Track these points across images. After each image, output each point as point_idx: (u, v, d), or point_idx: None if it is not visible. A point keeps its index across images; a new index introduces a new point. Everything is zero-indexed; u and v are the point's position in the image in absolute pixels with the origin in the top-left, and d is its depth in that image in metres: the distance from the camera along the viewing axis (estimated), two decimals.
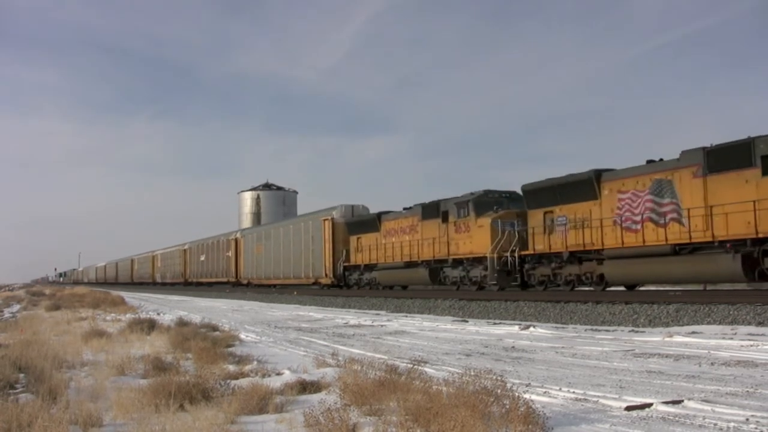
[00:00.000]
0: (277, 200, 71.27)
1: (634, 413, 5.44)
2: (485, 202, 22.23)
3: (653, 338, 10.78)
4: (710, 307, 12.78)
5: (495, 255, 20.50)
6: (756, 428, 4.79)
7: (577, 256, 18.31)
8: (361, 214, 31.01)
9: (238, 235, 46.37)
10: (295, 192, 74.02)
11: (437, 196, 26.28)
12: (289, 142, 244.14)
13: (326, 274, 31.61)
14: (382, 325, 15.58)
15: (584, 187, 18.16)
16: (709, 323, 12.22)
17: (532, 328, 13.24)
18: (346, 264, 30.35)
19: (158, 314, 20.82)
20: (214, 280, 51.17)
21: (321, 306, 25.24)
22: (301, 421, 5.22)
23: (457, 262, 22.89)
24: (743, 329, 11.14)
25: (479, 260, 21.71)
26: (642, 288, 18.98)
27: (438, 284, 24.29)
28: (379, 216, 28.24)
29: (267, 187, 72.39)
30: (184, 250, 60.23)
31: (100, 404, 6.06)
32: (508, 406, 4.90)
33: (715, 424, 4.95)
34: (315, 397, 6.33)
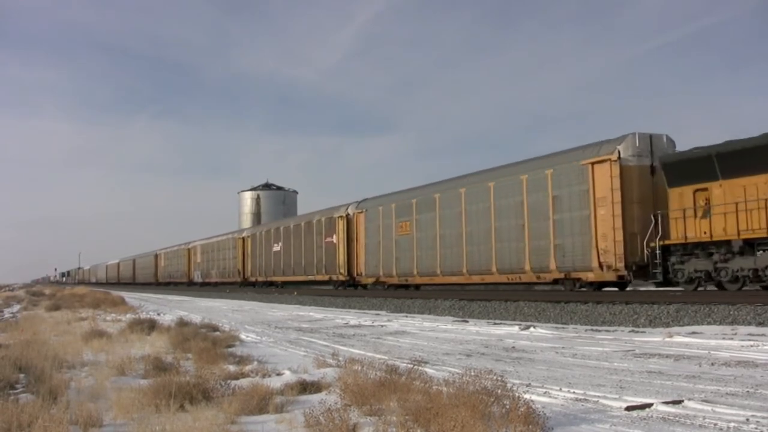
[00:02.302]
0: (277, 200, 71.25)
1: (634, 413, 5.44)
2: None
3: (653, 338, 10.78)
4: (710, 307, 12.78)
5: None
6: (756, 428, 4.79)
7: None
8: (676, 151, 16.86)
9: (353, 209, 30.24)
10: (295, 192, 74.06)
11: None
12: (290, 142, 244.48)
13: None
14: (382, 326, 15.58)
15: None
16: (709, 323, 12.22)
17: (532, 329, 13.24)
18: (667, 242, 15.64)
19: (158, 314, 20.81)
20: (302, 278, 34.57)
21: (321, 306, 25.24)
22: (302, 421, 5.22)
23: None
24: (743, 329, 11.14)
25: None
26: (642, 288, 18.89)
27: None
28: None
29: (267, 187, 72.38)
30: (242, 239, 44.55)
31: (100, 404, 6.06)
32: (508, 407, 4.90)
33: (715, 425, 4.95)
34: (315, 398, 6.33)
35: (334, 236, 30.97)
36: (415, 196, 25.47)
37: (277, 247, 38.05)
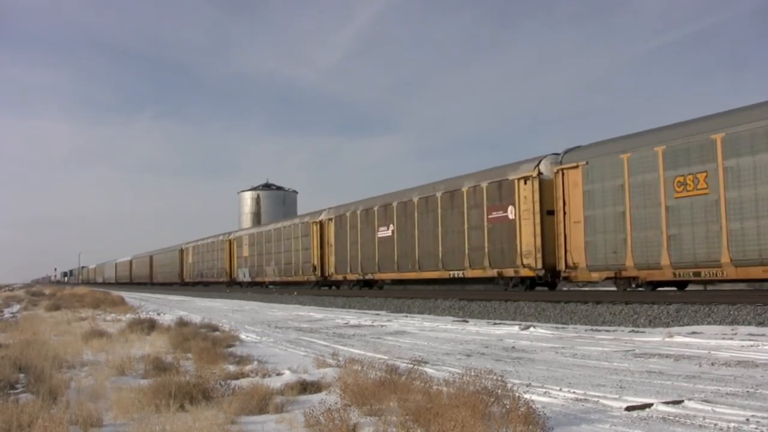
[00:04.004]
0: (277, 200, 71.21)
1: (634, 413, 5.44)
2: None
3: (653, 338, 10.78)
4: (710, 307, 12.77)
5: None
6: (756, 428, 4.79)
7: None
8: None
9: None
10: (295, 192, 74.05)
11: None
12: (290, 141, 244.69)
13: None
14: (382, 326, 15.58)
15: None
16: (709, 323, 12.21)
17: (532, 329, 13.24)
18: None
19: (158, 314, 20.81)
20: (415, 275, 24.29)
21: (321, 306, 25.24)
22: (302, 421, 5.22)
23: None
24: (743, 329, 11.14)
25: None
26: (641, 288, 18.92)
27: None
28: None
29: (267, 187, 72.35)
30: (319, 223, 32.11)
31: (100, 404, 6.06)
32: (508, 407, 4.90)
33: (716, 425, 4.95)
34: (315, 398, 6.33)
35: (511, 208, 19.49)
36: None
37: (386, 232, 26.08)
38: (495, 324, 14.92)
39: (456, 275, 21.78)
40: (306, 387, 6.82)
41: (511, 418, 4.68)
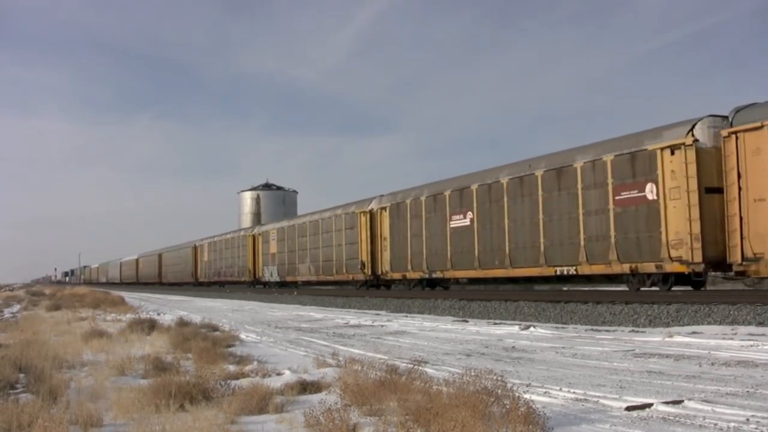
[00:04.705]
0: (277, 200, 71.23)
1: (634, 413, 5.44)
2: None
3: (653, 338, 10.78)
4: (710, 307, 12.77)
5: None
6: (756, 428, 4.79)
7: None
8: None
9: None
10: (295, 192, 74.08)
11: None
12: (290, 142, 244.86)
13: None
14: (382, 325, 15.58)
15: None
16: (709, 323, 12.21)
17: (532, 328, 13.24)
18: None
19: (158, 314, 20.80)
20: (504, 272, 20.09)
21: (321, 306, 25.25)
22: (302, 421, 5.22)
23: None
24: (743, 329, 11.13)
25: None
26: (642, 288, 18.90)
27: None
28: None
29: (267, 187, 72.37)
30: (368, 212, 27.28)
31: (100, 404, 6.06)
32: (508, 407, 4.90)
33: (716, 425, 4.95)
34: (315, 397, 6.33)
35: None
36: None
37: (463, 220, 21.51)
38: (495, 324, 14.92)
39: (565, 272, 17.88)
40: (306, 387, 6.82)
41: (511, 418, 4.68)
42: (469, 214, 21.24)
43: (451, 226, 21.98)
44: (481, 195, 20.78)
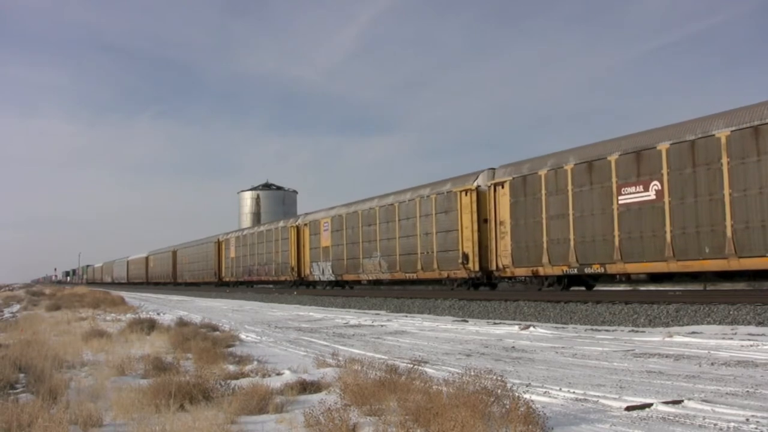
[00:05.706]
0: (277, 200, 71.29)
1: (634, 413, 5.45)
2: None
3: (653, 338, 10.79)
4: (710, 307, 12.78)
5: None
6: (756, 428, 4.79)
7: None
8: None
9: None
10: (295, 192, 74.11)
11: None
12: (290, 142, 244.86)
13: None
14: (382, 325, 15.58)
15: None
16: (709, 323, 12.22)
17: (532, 328, 13.25)
18: None
19: (158, 314, 20.80)
20: (724, 264, 14.28)
21: (321, 306, 25.25)
22: (302, 421, 5.22)
23: None
24: (743, 329, 11.14)
25: None
26: (642, 288, 18.88)
27: None
28: None
29: (267, 187, 72.46)
30: (474, 190, 21.80)
31: (100, 404, 6.06)
32: (508, 406, 4.90)
33: (715, 424, 4.95)
34: (315, 397, 6.33)
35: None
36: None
37: (642, 194, 16.20)
38: (495, 324, 14.92)
39: None
40: (306, 387, 6.81)
41: (511, 418, 4.68)
42: (654, 185, 15.90)
43: (621, 201, 16.61)
44: (676, 157, 15.38)
